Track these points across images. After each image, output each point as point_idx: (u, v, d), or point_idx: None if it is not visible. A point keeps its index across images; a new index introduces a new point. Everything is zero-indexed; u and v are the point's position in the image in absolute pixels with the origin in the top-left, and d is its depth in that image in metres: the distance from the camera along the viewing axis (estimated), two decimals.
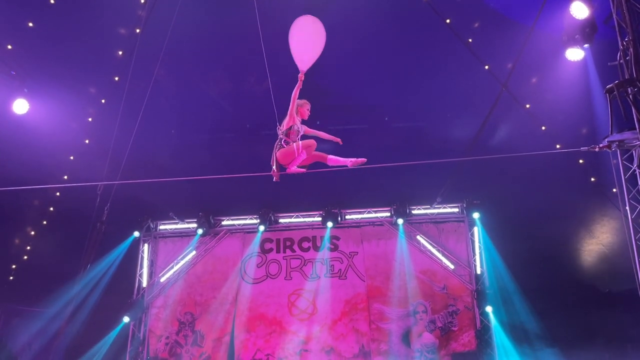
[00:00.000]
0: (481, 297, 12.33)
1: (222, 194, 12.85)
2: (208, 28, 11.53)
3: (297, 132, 6.92)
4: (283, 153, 6.76)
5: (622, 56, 7.12)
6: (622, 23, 7.07)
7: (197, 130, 12.86)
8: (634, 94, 6.74)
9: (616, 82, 6.82)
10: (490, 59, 11.17)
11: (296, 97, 6.81)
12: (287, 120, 6.89)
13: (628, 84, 6.74)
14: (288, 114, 6.88)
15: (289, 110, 6.86)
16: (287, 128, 6.85)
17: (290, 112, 6.85)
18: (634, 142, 7.22)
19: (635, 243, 7.51)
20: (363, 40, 10.69)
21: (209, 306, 13.19)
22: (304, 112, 7.09)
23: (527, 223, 11.89)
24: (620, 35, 7.20)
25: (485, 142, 11.87)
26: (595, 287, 12.05)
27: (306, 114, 7.12)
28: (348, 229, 13.52)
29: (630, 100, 6.79)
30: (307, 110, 7.12)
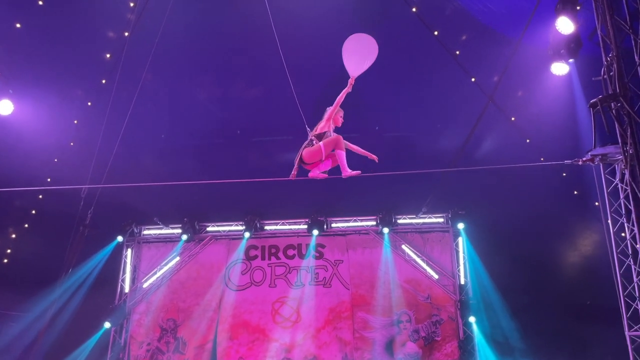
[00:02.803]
0: (465, 307, 12.39)
1: (207, 200, 12.80)
2: (198, 33, 11.52)
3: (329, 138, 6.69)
4: (309, 151, 6.54)
5: (606, 71, 7.24)
6: (607, 39, 7.21)
7: (184, 135, 12.79)
8: (617, 109, 6.86)
9: (600, 97, 6.93)
10: (477, 71, 11.31)
11: (341, 101, 6.63)
12: (322, 124, 6.68)
13: (611, 99, 6.85)
14: (325, 117, 6.68)
15: (329, 113, 6.66)
16: (320, 132, 6.62)
17: (328, 116, 6.66)
18: (616, 157, 7.34)
19: (616, 256, 7.63)
20: None
21: (191, 313, 13.07)
22: (338, 119, 6.87)
23: (511, 234, 12.00)
24: (605, 51, 7.33)
25: (472, 153, 11.99)
26: (577, 298, 12.16)
27: (340, 121, 6.91)
28: (333, 237, 13.51)
29: (613, 115, 6.90)
30: (340, 117, 6.90)
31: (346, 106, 6.82)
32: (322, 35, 6.92)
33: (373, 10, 10.80)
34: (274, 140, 12.89)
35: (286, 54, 8.41)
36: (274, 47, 11.09)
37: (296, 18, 9.51)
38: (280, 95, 12.40)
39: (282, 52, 8.16)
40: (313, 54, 10.38)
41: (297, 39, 9.50)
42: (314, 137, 6.62)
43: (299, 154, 6.67)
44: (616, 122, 6.92)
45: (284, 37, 8.57)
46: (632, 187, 6.86)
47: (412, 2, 10.70)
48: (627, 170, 6.93)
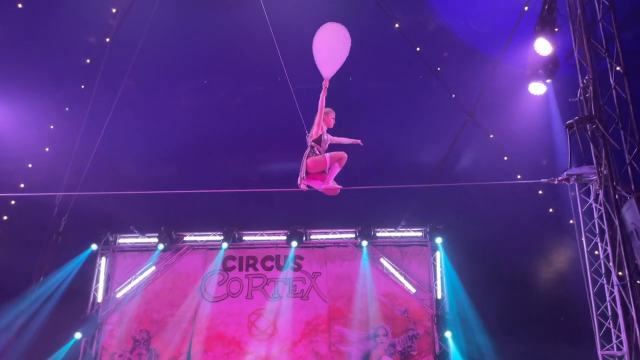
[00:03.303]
0: (441, 322, 12.42)
1: (185, 209, 12.66)
2: (180, 41, 11.47)
3: (326, 141, 6.80)
4: (314, 161, 6.57)
5: (582, 93, 7.39)
6: (583, 62, 7.37)
7: (164, 142, 12.65)
8: (593, 131, 7.00)
9: (576, 119, 7.06)
10: (457, 88, 11.46)
11: (323, 105, 6.66)
12: (315, 129, 6.72)
13: (587, 120, 6.99)
14: (315, 122, 6.72)
15: (317, 119, 6.71)
16: (317, 137, 6.71)
17: (317, 120, 6.71)
18: (591, 177, 7.49)
19: (590, 275, 7.74)
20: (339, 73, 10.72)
21: (166, 324, 12.83)
22: (329, 120, 6.92)
23: (488, 249, 12.12)
24: (581, 73, 7.49)
25: (451, 169, 12.10)
26: (551, 315, 12.29)
27: (331, 122, 6.96)
28: (312, 249, 13.45)
29: (588, 136, 7.04)
30: (332, 118, 6.95)
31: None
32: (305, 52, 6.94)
33: (357, 23, 10.88)
34: (255, 150, 12.85)
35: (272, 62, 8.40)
36: (258, 56, 11.15)
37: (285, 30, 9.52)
38: (263, 105, 12.45)
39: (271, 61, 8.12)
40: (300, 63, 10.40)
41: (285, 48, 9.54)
42: (313, 143, 6.69)
43: (303, 163, 6.67)
44: (591, 144, 7.06)
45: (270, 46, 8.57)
46: (605, 208, 6.99)
47: (396, 18, 10.81)
48: (601, 191, 7.05)
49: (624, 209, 6.28)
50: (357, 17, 10.89)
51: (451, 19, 10.99)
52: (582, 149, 7.09)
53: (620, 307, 6.78)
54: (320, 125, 6.72)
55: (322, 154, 6.61)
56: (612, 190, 6.69)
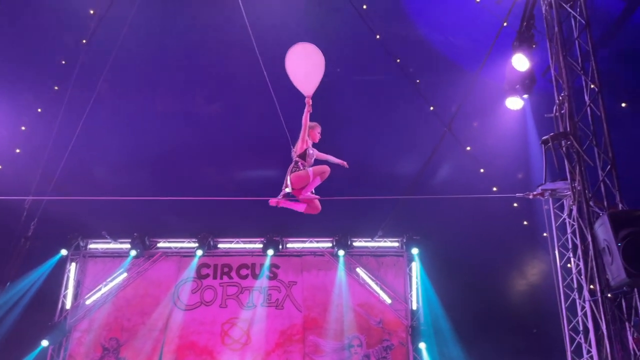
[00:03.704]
0: (415, 333, 12.43)
1: (160, 215, 12.46)
2: (159, 45, 11.34)
3: (311, 155, 6.86)
4: (297, 176, 6.64)
5: (557, 109, 7.49)
6: (559, 78, 7.47)
7: (139, 147, 12.45)
8: (567, 147, 7.09)
9: (551, 135, 7.14)
10: (435, 101, 11.54)
11: (307, 121, 6.71)
12: (300, 144, 6.79)
13: (562, 137, 7.08)
14: (300, 138, 6.78)
15: (301, 135, 6.77)
16: (301, 152, 6.76)
17: (302, 136, 6.76)
18: (565, 192, 7.58)
19: (562, 290, 7.81)
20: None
21: (136, 332, 12.58)
22: (315, 135, 6.99)
23: (463, 261, 12.18)
24: (557, 89, 7.59)
25: (428, 180, 12.17)
26: (524, 327, 12.40)
27: (317, 137, 7.03)
28: (288, 258, 13.36)
29: (563, 152, 7.12)
30: (318, 133, 7.03)
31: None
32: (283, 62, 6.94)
33: (338, 33, 10.93)
34: (233, 157, 12.73)
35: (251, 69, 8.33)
36: (237, 63, 11.08)
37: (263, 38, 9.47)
38: (242, 111, 12.35)
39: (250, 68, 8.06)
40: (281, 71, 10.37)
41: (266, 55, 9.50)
42: (298, 157, 6.73)
43: (286, 178, 6.71)
44: (566, 160, 7.15)
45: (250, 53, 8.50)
46: (578, 223, 7.06)
47: (377, 29, 10.86)
48: (574, 207, 7.14)
49: (597, 225, 6.35)
50: (338, 27, 10.94)
51: (431, 32, 11.10)
52: (557, 164, 7.17)
53: (591, 322, 6.85)
54: (305, 141, 6.77)
55: (305, 169, 6.63)
56: (585, 206, 6.77)
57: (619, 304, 6.34)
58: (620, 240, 5.84)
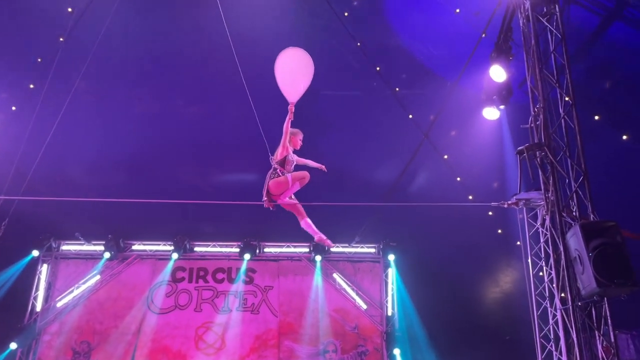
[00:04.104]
0: (390, 339, 12.49)
1: (135, 217, 12.27)
2: (138, 44, 11.21)
3: (291, 162, 6.87)
4: (276, 183, 6.68)
5: (533, 121, 7.64)
6: (535, 90, 7.62)
7: (115, 148, 12.26)
8: (542, 158, 7.23)
9: (526, 145, 7.28)
10: (414, 109, 11.66)
11: (288, 128, 6.72)
12: (280, 150, 6.79)
13: (537, 148, 7.22)
14: (281, 144, 6.78)
15: (282, 142, 6.76)
16: (281, 158, 6.77)
17: (282, 143, 6.76)
18: (538, 202, 7.72)
19: (534, 298, 7.95)
20: None
21: (108, 336, 12.38)
22: (297, 141, 7.02)
23: (438, 268, 12.29)
24: (533, 101, 7.75)
25: (405, 187, 12.27)
26: (497, 333, 12.54)
27: (298, 144, 7.05)
28: (265, 262, 13.31)
29: (537, 163, 7.27)
30: (299, 140, 7.05)
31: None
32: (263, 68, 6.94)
33: (319, 39, 10.97)
34: (211, 161, 12.64)
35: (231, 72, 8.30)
36: (217, 65, 11.01)
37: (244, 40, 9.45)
38: (221, 114, 12.27)
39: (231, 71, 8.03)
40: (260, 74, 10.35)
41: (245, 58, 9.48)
42: (277, 164, 6.74)
43: (265, 184, 6.74)
44: (540, 170, 7.29)
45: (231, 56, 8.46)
46: (551, 233, 7.21)
47: (358, 36, 10.94)
48: (547, 216, 7.29)
49: (569, 235, 6.48)
50: (319, 33, 10.98)
51: (411, 41, 11.21)
52: (532, 174, 7.31)
53: (562, 330, 6.98)
54: (285, 147, 6.79)
55: (285, 175, 6.65)
56: (558, 216, 6.91)
57: (589, 312, 6.48)
58: (591, 251, 5.98)
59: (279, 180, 6.70)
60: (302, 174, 6.81)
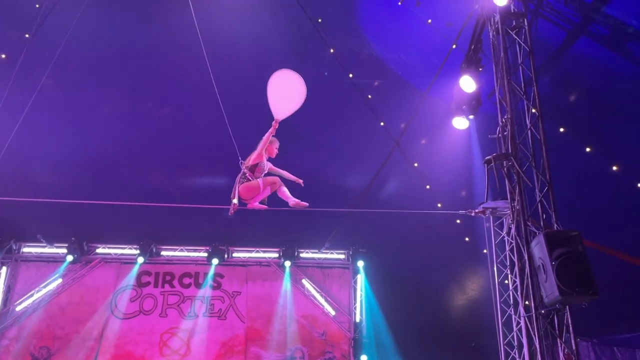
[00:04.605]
0: (358, 345, 12.51)
1: (100, 219, 12.00)
2: (108, 43, 11.00)
3: (262, 169, 6.90)
4: (246, 187, 6.71)
5: (501, 131, 7.78)
6: (503, 101, 7.77)
7: (81, 148, 11.97)
8: (508, 168, 7.37)
9: (494, 155, 7.40)
10: (386, 117, 11.74)
11: (267, 141, 6.81)
12: (254, 156, 6.84)
13: (504, 157, 7.35)
14: (256, 152, 6.83)
15: (258, 149, 6.82)
16: (252, 164, 6.81)
17: (259, 151, 6.82)
18: (505, 211, 7.86)
19: (499, 305, 8.06)
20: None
21: (69, 341, 12.06)
22: (272, 150, 7.07)
23: (406, 274, 12.38)
24: (501, 112, 7.90)
25: (376, 194, 12.32)
26: (463, 340, 12.70)
27: (274, 152, 7.11)
28: (234, 268, 13.17)
29: (504, 172, 7.40)
30: (275, 148, 7.11)
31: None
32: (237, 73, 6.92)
33: (292, 43, 10.97)
34: (179, 164, 12.46)
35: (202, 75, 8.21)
36: (188, 68, 10.88)
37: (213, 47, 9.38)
38: (191, 117, 12.12)
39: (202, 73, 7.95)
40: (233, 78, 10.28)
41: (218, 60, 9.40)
42: (247, 169, 6.75)
43: (235, 189, 6.74)
44: (507, 179, 7.42)
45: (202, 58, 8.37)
46: (516, 241, 7.34)
47: (331, 43, 10.97)
48: (513, 225, 7.42)
49: (533, 243, 6.61)
50: (292, 37, 10.97)
51: (384, 49, 11.32)
52: (498, 184, 7.43)
53: (525, 338, 7.10)
54: (260, 155, 6.86)
55: (256, 180, 6.65)
56: (523, 225, 7.05)
57: (552, 320, 6.61)
58: (554, 259, 6.11)
59: (250, 185, 6.71)
60: (273, 179, 6.89)
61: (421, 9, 10.58)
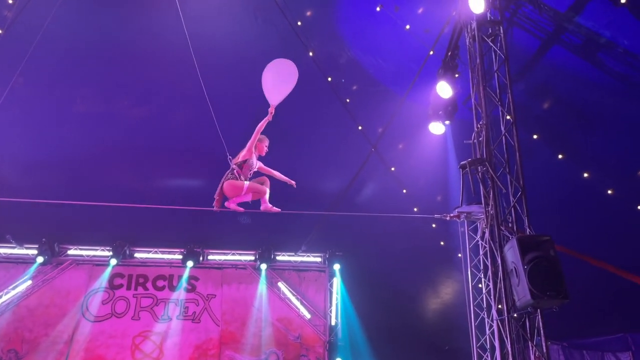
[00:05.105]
0: (333, 348, 12.51)
1: (72, 220, 11.79)
2: (83, 42, 10.80)
3: (250, 166, 6.76)
4: (231, 185, 6.56)
5: (476, 137, 7.89)
6: (478, 107, 7.88)
7: (53, 147, 11.72)
8: (483, 173, 7.47)
9: (469, 160, 7.49)
10: (363, 121, 11.79)
11: (261, 129, 6.68)
12: (244, 152, 6.72)
13: (478, 163, 7.45)
14: (247, 146, 6.71)
15: (249, 143, 6.70)
16: (242, 160, 6.67)
17: (249, 145, 6.70)
18: (479, 216, 7.96)
19: (472, 309, 8.16)
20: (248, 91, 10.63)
21: (38, 344, 11.79)
22: (262, 148, 6.97)
23: (382, 278, 12.43)
24: (476, 118, 8.01)
25: (353, 198, 12.36)
26: (437, 343, 12.80)
27: (264, 150, 7.00)
28: (209, 270, 13.05)
29: (479, 177, 7.50)
30: (265, 146, 7.00)
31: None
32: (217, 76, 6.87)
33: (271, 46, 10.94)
34: (155, 164, 12.30)
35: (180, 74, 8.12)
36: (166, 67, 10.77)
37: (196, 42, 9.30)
38: (166, 117, 11.99)
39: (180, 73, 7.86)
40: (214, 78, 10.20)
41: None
42: (235, 165, 6.64)
43: (220, 183, 6.61)
44: (481, 184, 7.52)
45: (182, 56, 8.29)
46: (490, 245, 7.43)
47: (310, 46, 10.98)
48: (487, 230, 7.51)
49: (506, 248, 6.71)
50: (271, 40, 10.94)
51: (363, 54, 11.37)
52: (473, 189, 7.52)
53: (497, 341, 7.19)
54: (250, 150, 6.75)
55: (243, 181, 6.55)
56: (496, 230, 7.14)
57: (524, 323, 6.71)
58: (526, 263, 6.20)
59: (236, 183, 6.61)
60: (259, 187, 6.74)
61: (400, 14, 10.66)
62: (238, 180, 6.63)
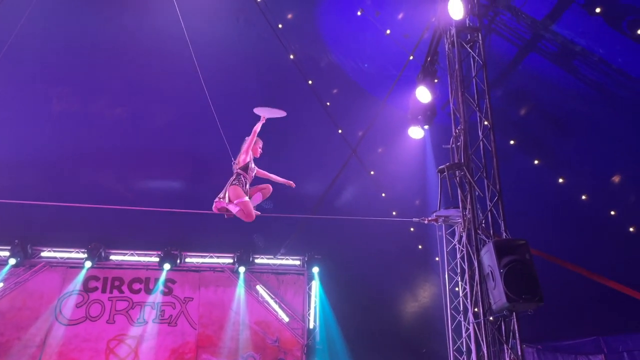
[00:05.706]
0: (310, 352, 12.50)
1: (46, 222, 11.56)
2: (62, 40, 10.61)
3: (252, 170, 6.87)
4: (235, 190, 6.62)
5: (454, 141, 7.97)
6: (457, 112, 7.96)
7: (27, 147, 11.48)
8: (461, 177, 7.55)
9: (447, 165, 7.57)
10: (344, 124, 11.82)
11: (257, 131, 6.80)
12: (242, 157, 6.80)
13: (456, 167, 7.53)
14: (244, 149, 6.80)
15: (246, 145, 6.80)
16: (244, 164, 6.78)
17: (246, 147, 6.79)
18: (456, 219, 8.03)
19: (449, 312, 8.22)
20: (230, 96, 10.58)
21: (10, 348, 11.55)
22: (256, 149, 7.05)
23: (361, 281, 12.47)
24: (454, 123, 8.08)
25: (332, 201, 12.37)
26: (414, 346, 12.88)
27: (258, 152, 7.09)
28: (186, 273, 12.92)
29: (457, 181, 7.57)
30: (259, 148, 7.09)
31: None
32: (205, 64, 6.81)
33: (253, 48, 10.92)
34: (132, 166, 12.13)
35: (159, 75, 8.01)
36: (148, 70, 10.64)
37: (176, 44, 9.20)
38: (146, 118, 11.85)
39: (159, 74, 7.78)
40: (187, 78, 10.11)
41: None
42: (239, 170, 6.76)
43: (225, 189, 6.67)
44: (459, 189, 7.59)
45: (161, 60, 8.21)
46: (467, 249, 7.51)
47: (291, 49, 10.97)
48: (464, 233, 7.59)
49: (483, 251, 6.78)
50: (252, 42, 10.91)
51: (344, 57, 11.40)
52: (451, 193, 7.59)
53: (474, 344, 7.25)
54: (248, 153, 6.83)
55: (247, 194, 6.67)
56: (473, 234, 7.22)
57: (499, 326, 6.78)
58: (502, 267, 6.28)
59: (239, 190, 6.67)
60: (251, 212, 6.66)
61: (380, 19, 10.72)
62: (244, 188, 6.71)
